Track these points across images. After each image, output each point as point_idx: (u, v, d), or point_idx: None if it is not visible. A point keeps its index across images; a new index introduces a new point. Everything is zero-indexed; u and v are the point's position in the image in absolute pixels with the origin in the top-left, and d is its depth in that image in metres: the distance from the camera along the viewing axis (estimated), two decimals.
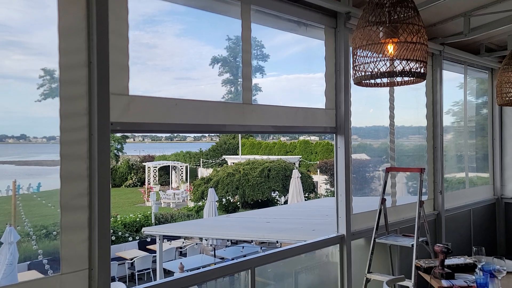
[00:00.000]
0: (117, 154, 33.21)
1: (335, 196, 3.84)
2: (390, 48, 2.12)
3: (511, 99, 3.68)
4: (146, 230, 10.02)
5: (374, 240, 3.84)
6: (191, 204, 21.30)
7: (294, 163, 25.88)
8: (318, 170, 25.83)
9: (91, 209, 2.18)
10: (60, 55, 2.10)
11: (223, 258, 10.83)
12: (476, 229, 5.82)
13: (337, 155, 3.79)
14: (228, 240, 11.47)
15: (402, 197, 4.70)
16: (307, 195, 20.58)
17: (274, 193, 21.47)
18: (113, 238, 13.27)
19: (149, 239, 12.62)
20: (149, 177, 29.49)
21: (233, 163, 25.64)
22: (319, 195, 22.32)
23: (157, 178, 29.81)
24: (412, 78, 2.21)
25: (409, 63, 2.12)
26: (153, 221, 15.87)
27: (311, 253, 3.99)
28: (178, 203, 23.33)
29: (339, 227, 3.79)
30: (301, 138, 31.43)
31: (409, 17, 2.11)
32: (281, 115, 3.37)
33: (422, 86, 4.99)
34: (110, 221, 2.23)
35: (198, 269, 3.13)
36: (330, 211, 4.78)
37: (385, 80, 2.36)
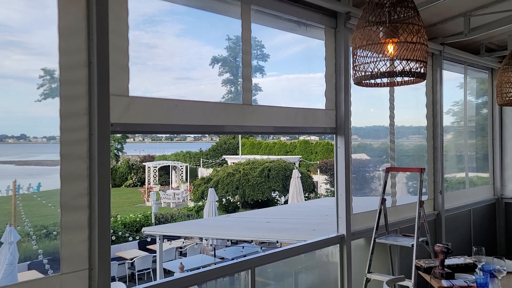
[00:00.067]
0: (117, 154, 33.21)
1: (335, 196, 3.85)
2: (390, 48, 2.12)
3: (511, 99, 3.68)
4: (146, 230, 10.03)
5: (374, 240, 3.84)
6: (191, 204, 21.31)
7: (294, 163, 25.88)
8: (318, 170, 25.84)
9: (91, 209, 2.18)
10: (60, 55, 2.11)
11: (223, 258, 10.83)
12: (476, 229, 5.82)
13: (337, 155, 3.79)
14: (228, 240, 11.47)
15: (402, 197, 4.70)
16: (307, 195, 20.58)
17: (274, 193, 21.47)
18: (113, 238, 13.27)
19: (149, 239, 12.62)
20: (149, 177, 29.50)
21: (233, 163, 25.64)
22: (319, 195, 22.32)
23: (157, 178, 29.81)
24: (412, 78, 2.21)
25: (409, 63, 2.13)
26: (153, 221, 15.87)
27: (311, 253, 3.99)
28: (178, 203, 23.34)
29: (339, 227, 3.79)
30: (301, 138, 31.41)
31: (409, 17, 2.11)
32: (281, 115, 3.37)
33: (422, 86, 4.99)
34: (110, 221, 2.23)
35: (198, 269, 3.13)
36: (330, 211, 4.78)
37: (385, 80, 2.36)
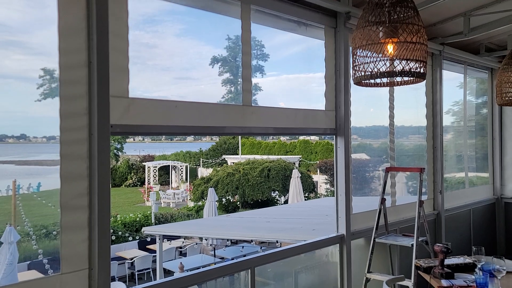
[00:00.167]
0: (117, 153, 33.20)
1: (335, 196, 3.85)
2: (390, 48, 2.12)
3: (510, 99, 3.68)
4: (146, 229, 10.02)
5: (374, 239, 3.84)
6: (191, 204, 21.30)
7: (294, 163, 25.88)
8: (318, 169, 25.83)
9: (91, 209, 2.19)
10: (60, 55, 2.11)
11: (223, 257, 10.83)
12: (475, 229, 5.82)
13: (337, 155, 3.79)
14: (228, 240, 11.47)
15: (402, 197, 4.70)
16: (307, 195, 20.57)
17: (274, 193, 21.47)
18: (113, 237, 13.27)
19: (149, 239, 12.61)
20: (149, 176, 29.49)
21: (233, 163, 25.64)
22: (319, 195, 22.32)
23: (157, 178, 29.80)
24: (411, 78, 2.21)
25: (408, 63, 2.13)
26: (153, 220, 15.87)
27: (311, 253, 3.99)
28: (178, 203, 23.33)
29: (339, 227, 3.79)
30: (301, 138, 31.39)
31: (409, 17, 2.11)
32: (281, 116, 3.37)
33: (422, 86, 4.99)
34: (110, 220, 2.24)
35: (198, 268, 3.12)
36: (330, 210, 4.78)
37: (385, 80, 2.36)
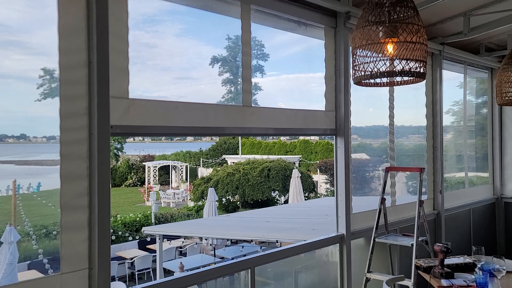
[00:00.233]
0: (117, 153, 33.20)
1: (335, 195, 3.85)
2: (389, 47, 2.12)
3: (510, 98, 3.68)
4: (146, 229, 10.02)
5: (373, 239, 3.84)
6: (191, 203, 21.30)
7: (294, 163, 25.88)
8: (318, 169, 25.83)
9: (91, 209, 2.19)
10: (60, 55, 2.11)
11: (223, 257, 10.83)
12: (475, 229, 5.82)
13: (337, 155, 3.80)
14: (228, 239, 11.48)
15: (401, 197, 4.71)
16: (307, 195, 20.58)
17: (274, 193, 21.46)
18: (113, 237, 13.27)
19: (149, 239, 12.62)
20: (149, 176, 29.49)
21: (233, 163, 25.64)
22: (319, 195, 22.32)
23: (157, 177, 29.81)
24: (411, 77, 2.21)
25: (408, 62, 2.13)
26: (153, 220, 15.87)
27: (311, 253, 3.99)
28: (178, 203, 23.33)
29: (339, 227, 3.79)
30: (301, 137, 31.41)
31: (409, 16, 2.11)
32: (281, 117, 3.37)
33: (422, 85, 4.99)
34: (110, 220, 2.24)
35: (198, 268, 3.12)
36: (330, 210, 4.78)
37: (385, 79, 2.36)
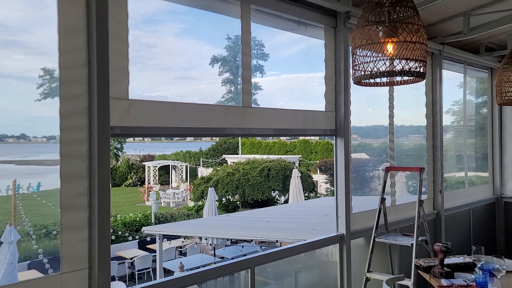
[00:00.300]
0: (117, 153, 33.19)
1: (334, 195, 3.85)
2: (389, 47, 2.12)
3: (510, 98, 3.68)
4: (146, 229, 10.03)
5: (373, 239, 3.84)
6: (191, 203, 21.29)
7: (294, 163, 25.88)
8: (318, 169, 25.83)
9: (91, 209, 2.19)
10: (60, 54, 2.11)
11: (223, 257, 10.83)
12: (475, 229, 5.82)
13: (337, 155, 3.80)
14: (228, 239, 11.48)
15: (401, 197, 4.71)
16: (307, 195, 20.58)
17: (274, 193, 21.47)
18: (113, 237, 13.27)
19: (149, 239, 12.62)
20: (149, 176, 29.49)
21: (233, 163, 25.64)
22: (319, 195, 22.32)
23: (157, 177, 29.80)
24: (411, 77, 2.21)
25: (408, 62, 2.13)
26: (153, 220, 15.87)
27: (311, 252, 3.99)
28: (178, 203, 23.34)
29: (338, 227, 3.79)
30: (301, 137, 31.40)
31: (409, 16, 2.11)
32: (281, 118, 3.37)
33: (421, 85, 4.99)
34: (110, 220, 2.24)
35: (198, 268, 3.13)
36: (330, 210, 4.78)
37: (385, 79, 2.36)
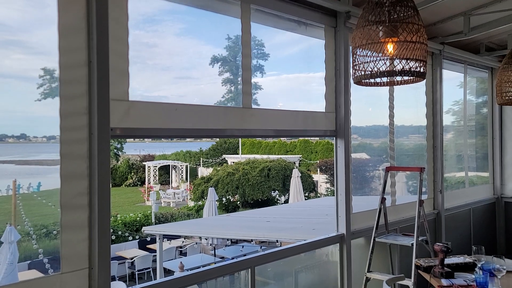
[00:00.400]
0: (117, 153, 33.19)
1: (335, 195, 3.85)
2: (389, 47, 2.12)
3: (511, 98, 3.68)
4: (146, 229, 10.02)
5: (374, 239, 3.84)
6: (191, 203, 21.30)
7: (294, 163, 25.87)
8: (318, 169, 25.83)
9: (91, 208, 2.19)
10: (60, 54, 2.11)
11: (223, 257, 10.83)
12: (476, 228, 5.82)
13: (337, 155, 3.79)
14: (228, 239, 11.48)
15: (402, 196, 4.71)
16: (307, 194, 20.58)
17: (274, 193, 21.47)
18: (113, 237, 13.27)
19: (149, 239, 12.61)
20: (149, 176, 29.49)
21: (233, 163, 25.63)
22: (319, 194, 22.32)
23: (157, 177, 29.80)
24: (411, 77, 2.21)
25: (408, 62, 2.13)
26: (153, 220, 15.87)
27: (311, 252, 3.99)
28: (178, 203, 23.34)
29: (339, 226, 3.79)
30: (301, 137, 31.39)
31: (409, 16, 2.11)
32: (281, 119, 3.37)
33: (422, 85, 4.99)
34: (110, 220, 2.24)
35: (198, 268, 3.13)
36: (330, 210, 4.78)
37: (385, 79, 2.36)
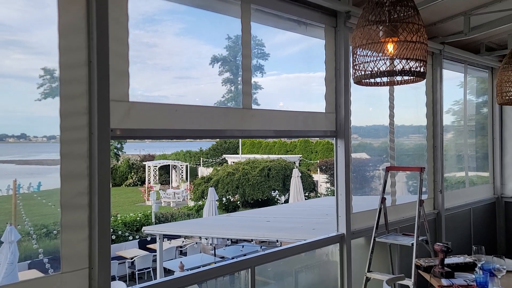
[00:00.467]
0: (117, 153, 33.18)
1: (335, 195, 3.85)
2: (390, 47, 2.12)
3: (511, 98, 3.68)
4: (146, 229, 10.02)
5: (374, 239, 3.84)
6: (191, 203, 21.29)
7: (294, 162, 25.86)
8: (318, 169, 25.83)
9: (91, 208, 2.19)
10: (60, 54, 2.11)
11: (223, 257, 10.83)
12: (476, 228, 5.82)
13: (337, 155, 3.79)
14: (228, 239, 11.48)
15: (402, 196, 4.71)
16: (307, 194, 20.57)
17: (274, 192, 21.47)
18: (113, 237, 13.27)
19: (149, 238, 12.61)
20: (149, 176, 29.48)
21: (233, 162, 25.62)
22: (319, 194, 22.32)
23: (157, 177, 29.79)
24: (412, 77, 2.21)
25: (409, 62, 2.13)
26: (153, 220, 15.88)
27: (311, 252, 3.99)
28: (178, 202, 23.34)
29: (339, 226, 3.79)
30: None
31: (409, 16, 2.11)
32: (281, 119, 3.37)
33: (422, 85, 4.98)
34: (110, 220, 2.24)
35: (198, 268, 3.13)
36: (330, 210, 4.78)
37: (385, 79, 2.36)
